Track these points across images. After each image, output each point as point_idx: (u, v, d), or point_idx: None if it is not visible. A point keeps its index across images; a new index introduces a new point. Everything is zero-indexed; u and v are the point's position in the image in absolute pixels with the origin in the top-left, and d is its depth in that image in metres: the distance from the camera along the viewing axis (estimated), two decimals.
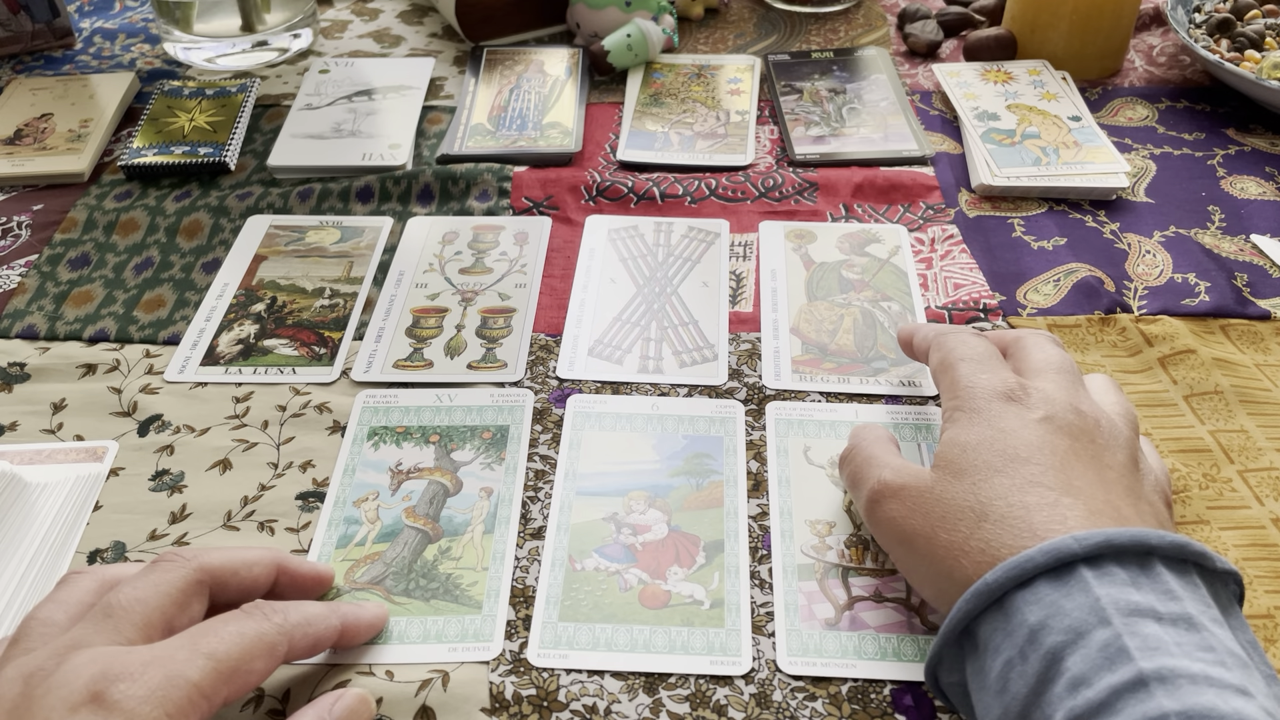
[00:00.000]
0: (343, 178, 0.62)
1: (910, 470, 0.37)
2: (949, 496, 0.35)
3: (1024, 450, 0.35)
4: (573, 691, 0.36)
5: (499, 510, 0.43)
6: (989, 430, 0.36)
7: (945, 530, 0.34)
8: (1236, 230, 0.57)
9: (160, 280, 0.56)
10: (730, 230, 0.58)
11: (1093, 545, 0.30)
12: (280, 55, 0.75)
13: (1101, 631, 0.29)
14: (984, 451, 0.35)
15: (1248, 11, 0.71)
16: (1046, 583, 0.31)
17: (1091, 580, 0.30)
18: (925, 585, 0.35)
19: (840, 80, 0.70)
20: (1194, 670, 0.27)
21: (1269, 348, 0.50)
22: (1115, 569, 0.30)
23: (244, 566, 0.35)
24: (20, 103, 0.69)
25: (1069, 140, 0.62)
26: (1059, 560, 0.30)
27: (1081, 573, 0.30)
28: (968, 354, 0.40)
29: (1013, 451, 0.35)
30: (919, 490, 0.36)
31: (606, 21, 0.72)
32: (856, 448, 0.40)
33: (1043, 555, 0.31)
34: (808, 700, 0.36)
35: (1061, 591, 0.30)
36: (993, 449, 0.35)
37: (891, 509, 0.36)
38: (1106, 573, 0.30)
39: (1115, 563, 0.30)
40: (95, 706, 0.28)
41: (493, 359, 0.50)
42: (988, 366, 0.39)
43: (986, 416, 0.36)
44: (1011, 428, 0.35)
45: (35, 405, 0.48)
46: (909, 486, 0.36)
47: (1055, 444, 0.35)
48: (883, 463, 0.38)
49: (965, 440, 0.36)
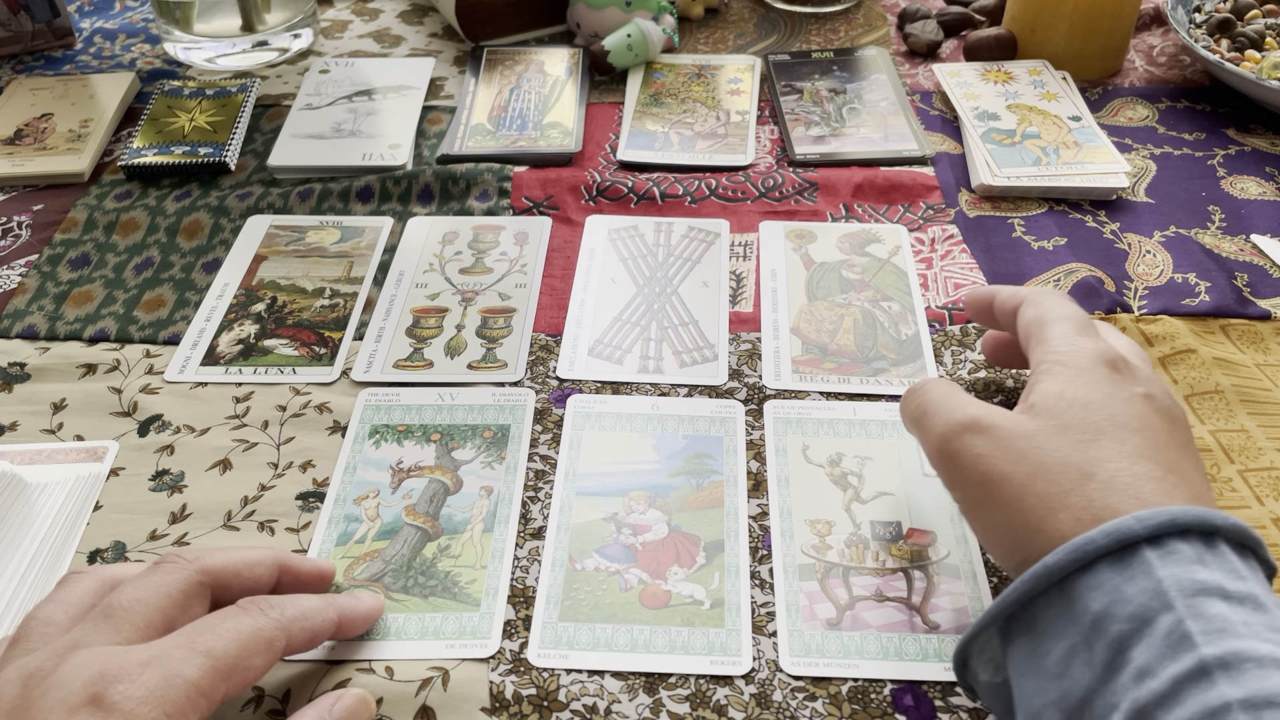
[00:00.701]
0: (343, 178, 0.62)
1: (1000, 411, 0.35)
2: (1052, 447, 0.33)
3: (1132, 421, 0.34)
4: (573, 691, 0.36)
5: (499, 509, 0.43)
6: (1096, 393, 0.34)
7: (1044, 480, 0.32)
8: (1236, 230, 0.57)
9: (160, 280, 0.56)
10: (730, 230, 0.58)
11: (1155, 525, 0.30)
12: (280, 55, 0.75)
13: (1165, 618, 0.28)
14: (1092, 412, 0.34)
15: (1248, 11, 0.71)
16: (1109, 566, 0.30)
17: (1154, 561, 0.29)
18: (1001, 534, 0.34)
19: (840, 80, 0.70)
20: (1261, 652, 0.27)
21: (1269, 348, 0.50)
22: (1181, 546, 0.29)
23: (246, 567, 0.35)
24: (20, 103, 0.69)
25: (1069, 140, 0.62)
26: (1120, 542, 0.30)
27: (1144, 554, 0.29)
28: (1069, 313, 0.39)
29: (1122, 419, 0.34)
30: (1015, 433, 0.34)
31: (607, 21, 0.72)
32: (926, 385, 0.39)
33: (1104, 537, 0.30)
34: (808, 700, 0.36)
35: (1123, 575, 0.29)
36: (1101, 412, 0.34)
37: (978, 444, 0.34)
38: (1171, 551, 0.29)
39: (1180, 540, 0.30)
40: (94, 708, 0.28)
41: (493, 359, 0.50)
42: (1088, 330, 0.38)
43: (1092, 379, 0.35)
44: (1119, 396, 0.34)
45: (35, 405, 0.48)
46: (1001, 426, 0.34)
47: (1158, 423, 0.34)
48: (965, 399, 0.37)
49: (1072, 396, 0.34)
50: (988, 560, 0.41)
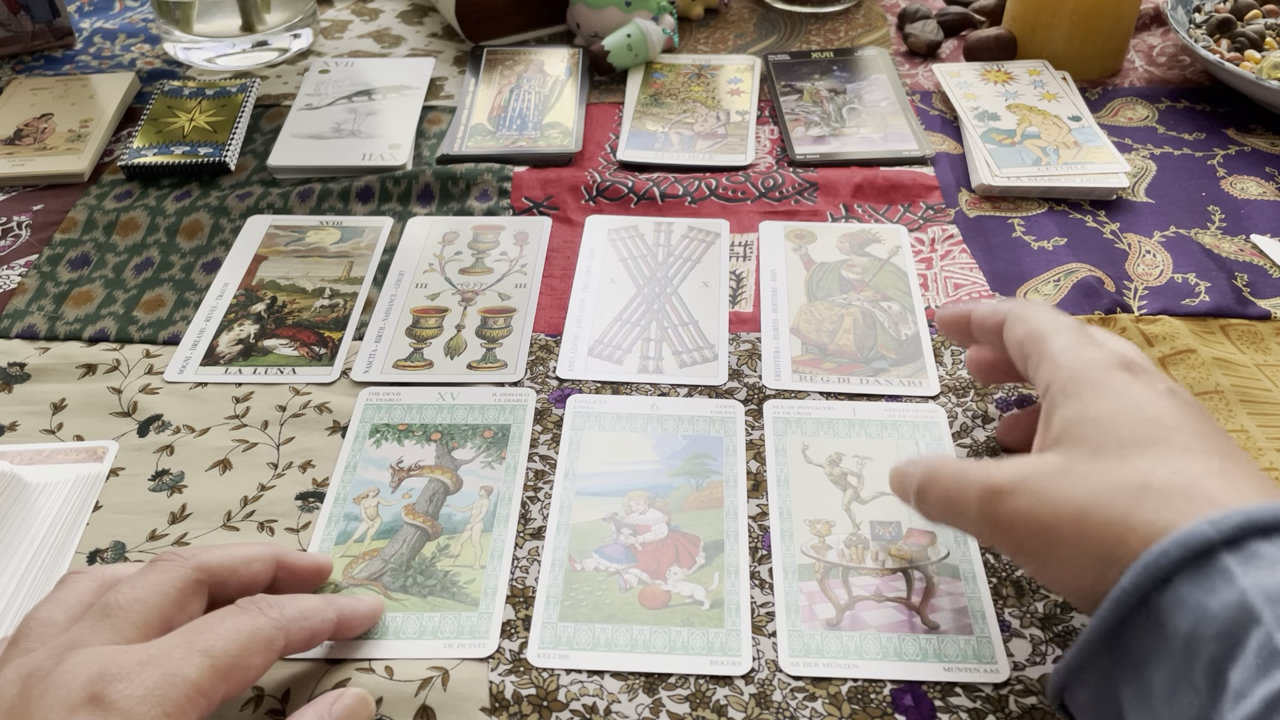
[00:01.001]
0: (343, 178, 0.62)
1: (1020, 461, 0.33)
2: (1094, 473, 0.31)
3: (1169, 419, 0.31)
4: (573, 691, 0.36)
5: (498, 509, 0.43)
6: (1121, 401, 0.32)
7: (1099, 510, 0.30)
8: (1236, 230, 0.57)
9: (160, 280, 0.56)
10: (730, 230, 0.58)
11: (1233, 527, 0.27)
12: (280, 55, 0.75)
13: (1255, 633, 0.26)
14: (1123, 424, 0.32)
15: (1248, 11, 0.71)
16: (1188, 579, 0.28)
17: (1235, 569, 0.27)
18: (1075, 577, 0.31)
19: (840, 80, 0.70)
20: None
21: (1269, 348, 0.50)
22: (1262, 547, 0.27)
23: (243, 564, 0.35)
24: (20, 103, 0.69)
25: (1069, 140, 0.62)
26: (1195, 550, 0.27)
27: (1224, 561, 0.27)
28: (1062, 323, 0.37)
29: (1157, 419, 0.31)
30: (1048, 475, 0.32)
31: (606, 21, 0.72)
32: (932, 469, 0.36)
33: (1178, 548, 0.28)
34: (808, 700, 0.36)
35: (1204, 588, 0.27)
36: (1133, 419, 0.32)
37: (1017, 503, 0.32)
38: (1252, 555, 0.27)
39: (1263, 540, 0.27)
40: (93, 707, 0.28)
41: (493, 359, 0.50)
42: (1088, 337, 0.36)
43: (1111, 388, 0.33)
44: (1145, 398, 0.32)
45: (35, 405, 0.48)
46: (1031, 475, 0.32)
47: (1191, 415, 0.32)
48: (978, 466, 0.34)
49: (1096, 414, 0.32)
50: (988, 560, 0.41)
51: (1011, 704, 0.36)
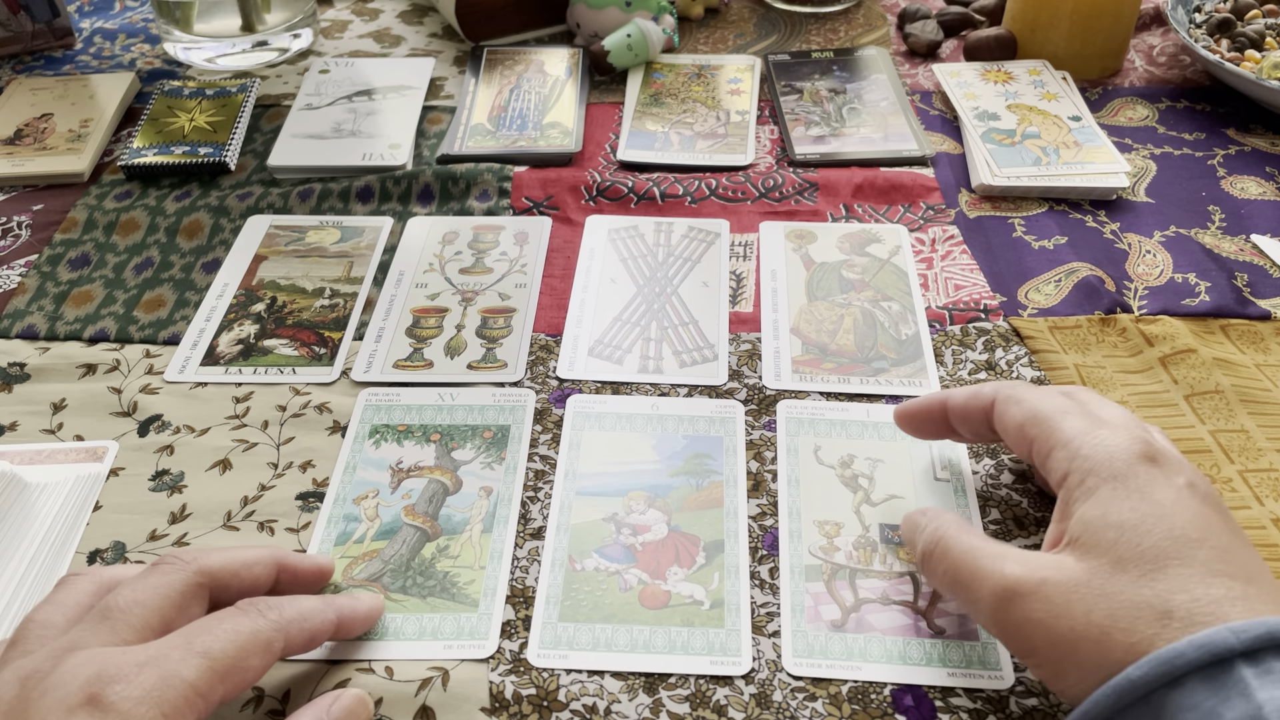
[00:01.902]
0: (343, 178, 0.62)
1: (1039, 560, 0.32)
2: (1114, 590, 0.30)
3: (1193, 530, 0.30)
4: (573, 691, 0.36)
5: (498, 510, 0.43)
6: (1145, 504, 0.31)
7: (1120, 630, 0.29)
8: (1236, 230, 0.57)
9: (160, 280, 0.56)
10: (730, 230, 0.58)
11: (1253, 639, 0.27)
12: (280, 55, 0.75)
13: None
14: (1149, 534, 0.30)
15: (1248, 11, 0.71)
16: (1202, 684, 0.27)
17: (1252, 682, 0.27)
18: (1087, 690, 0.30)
19: (840, 80, 0.70)
20: None
21: (1269, 348, 0.50)
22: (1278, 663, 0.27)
23: (244, 567, 0.35)
24: (20, 103, 0.69)
25: (1069, 140, 0.62)
26: (1215, 657, 0.27)
27: (1241, 673, 0.27)
28: (1061, 405, 0.35)
29: (1181, 533, 0.30)
30: (1068, 585, 0.31)
31: (606, 21, 0.72)
32: (942, 539, 0.35)
33: (1195, 650, 0.27)
34: (808, 700, 0.36)
35: (1219, 697, 0.27)
36: (1158, 530, 0.30)
37: (1034, 611, 0.31)
38: (1269, 670, 0.27)
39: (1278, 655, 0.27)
40: (91, 708, 0.28)
41: (493, 359, 0.50)
42: (1097, 420, 0.34)
43: (1134, 486, 0.32)
44: (1167, 500, 0.31)
45: (35, 405, 0.48)
46: (1051, 581, 0.31)
47: (1213, 520, 0.31)
48: (992, 553, 0.33)
49: (1119, 519, 0.31)
50: None
51: (1012, 704, 0.36)
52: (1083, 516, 0.32)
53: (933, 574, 0.36)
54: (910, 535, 0.38)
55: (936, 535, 0.35)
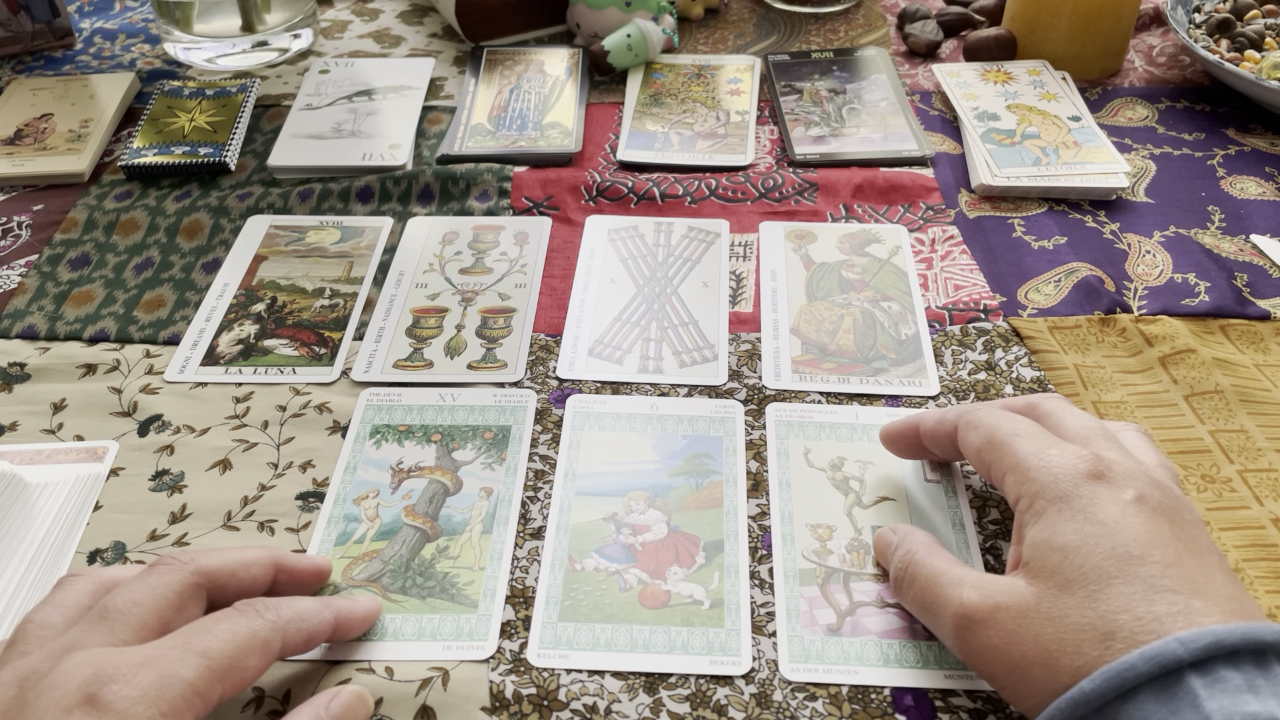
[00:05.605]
0: (343, 178, 0.62)
1: (994, 585, 0.33)
2: (1060, 614, 0.30)
3: (1135, 547, 0.31)
4: (573, 691, 0.36)
5: (498, 510, 0.43)
6: (1088, 524, 0.32)
7: (1067, 656, 0.30)
8: (1236, 230, 0.57)
9: (160, 280, 0.56)
10: (730, 230, 0.58)
11: (1200, 649, 0.28)
12: (280, 55, 0.75)
13: None
14: (1091, 554, 0.31)
15: (1248, 11, 0.71)
16: (1152, 697, 0.28)
17: (1201, 692, 0.27)
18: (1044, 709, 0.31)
19: (840, 80, 0.70)
20: None
21: (1269, 348, 0.50)
22: (1228, 673, 0.27)
23: (242, 567, 0.35)
24: (20, 103, 0.69)
25: (1069, 140, 0.62)
26: (1164, 668, 0.28)
27: (1190, 683, 0.27)
28: (1018, 428, 0.36)
29: (1123, 550, 0.31)
30: (1018, 610, 0.31)
31: (606, 21, 0.72)
32: (910, 564, 0.36)
33: (1145, 663, 0.28)
34: (808, 700, 0.36)
35: (1169, 708, 0.27)
36: (1100, 549, 0.31)
37: (989, 637, 0.32)
38: (1218, 679, 0.27)
39: (1228, 665, 0.28)
40: (89, 708, 0.28)
41: (493, 359, 0.50)
42: (1048, 440, 0.35)
43: (1079, 505, 0.32)
44: (1111, 517, 0.32)
45: (35, 405, 0.48)
46: (1004, 607, 0.32)
47: (1160, 532, 0.31)
48: (954, 579, 0.34)
49: (1064, 542, 0.32)
50: (989, 564, 0.41)
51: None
52: (1033, 540, 0.33)
53: (904, 598, 0.37)
54: (882, 554, 0.39)
55: (905, 560, 0.37)
